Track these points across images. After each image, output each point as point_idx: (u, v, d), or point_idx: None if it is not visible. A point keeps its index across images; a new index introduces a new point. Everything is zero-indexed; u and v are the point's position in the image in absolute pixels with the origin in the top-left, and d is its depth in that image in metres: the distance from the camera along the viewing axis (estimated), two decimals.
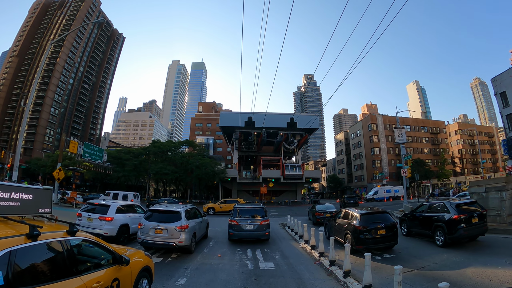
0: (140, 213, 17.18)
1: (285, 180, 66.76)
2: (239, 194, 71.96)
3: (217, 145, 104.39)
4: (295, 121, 68.98)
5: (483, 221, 13.80)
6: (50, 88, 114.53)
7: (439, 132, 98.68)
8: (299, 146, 73.81)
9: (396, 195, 63.86)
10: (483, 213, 13.92)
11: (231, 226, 16.65)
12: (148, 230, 12.73)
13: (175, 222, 12.81)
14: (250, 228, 16.48)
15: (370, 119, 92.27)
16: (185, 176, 62.55)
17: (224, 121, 71.19)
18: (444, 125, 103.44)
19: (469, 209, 13.92)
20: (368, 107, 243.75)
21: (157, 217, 13.19)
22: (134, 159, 65.98)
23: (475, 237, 14.17)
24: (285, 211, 44.28)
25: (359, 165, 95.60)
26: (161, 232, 12.57)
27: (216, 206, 40.68)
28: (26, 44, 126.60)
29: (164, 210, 13.80)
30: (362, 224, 12.67)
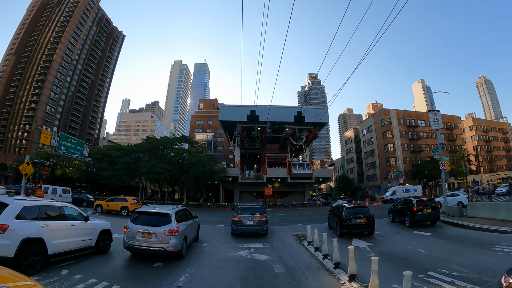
0: (76, 219, 11.25)
1: (292, 180, 59.15)
2: (242, 196, 64.46)
3: (218, 144, 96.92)
4: (303, 115, 61.52)
5: (435, 211, 20.96)
6: (46, 86, 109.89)
7: (454, 128, 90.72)
8: (307, 142, 66.21)
9: (415, 195, 56.02)
10: (435, 206, 21.23)
11: (234, 222, 18.33)
12: (135, 234, 11.35)
13: (164, 225, 11.53)
14: (250, 224, 18.18)
15: (383, 113, 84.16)
16: (180, 175, 55.13)
17: (224, 115, 63.81)
18: (459, 120, 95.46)
19: (425, 203, 20.92)
20: (374, 106, 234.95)
21: (144, 220, 11.79)
22: (125, 156, 58.67)
23: (432, 222, 21.21)
24: (294, 215, 36.96)
25: (371, 163, 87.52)
26: (149, 236, 11.27)
27: (104, 203, 34.14)
28: (24, 42, 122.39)
29: (153, 212, 12.33)
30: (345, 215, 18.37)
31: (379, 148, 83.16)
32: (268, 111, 56.00)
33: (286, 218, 32.49)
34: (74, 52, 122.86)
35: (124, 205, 32.61)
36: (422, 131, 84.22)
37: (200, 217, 18.51)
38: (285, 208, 53.06)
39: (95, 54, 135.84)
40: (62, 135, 38.88)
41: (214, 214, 36.57)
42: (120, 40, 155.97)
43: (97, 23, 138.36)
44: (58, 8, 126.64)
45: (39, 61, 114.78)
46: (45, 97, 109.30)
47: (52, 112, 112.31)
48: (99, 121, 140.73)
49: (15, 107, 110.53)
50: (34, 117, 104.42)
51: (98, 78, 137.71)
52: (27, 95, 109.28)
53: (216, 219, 31.01)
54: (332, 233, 19.60)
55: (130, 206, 32.07)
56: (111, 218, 24.01)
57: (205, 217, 34.31)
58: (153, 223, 11.55)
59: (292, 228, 23.88)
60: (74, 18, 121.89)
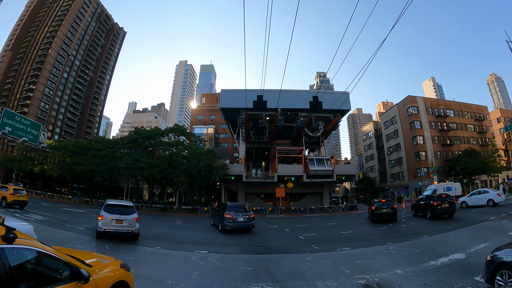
0: None
1: (309, 178, 46.72)
2: (247, 198, 52.11)
3: (221, 140, 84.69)
4: (320, 101, 49.23)
5: (452, 206, 23.41)
6: (40, 81, 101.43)
7: (483, 119, 77.17)
8: (325, 133, 53.69)
9: (456, 194, 45.77)
10: (452, 201, 23.80)
11: (227, 219, 19.45)
12: (110, 221, 14.22)
13: (132, 214, 15.11)
14: (242, 220, 19.86)
15: (409, 101, 70.71)
16: (168, 172, 43.29)
17: (226, 101, 51.81)
18: (487, 111, 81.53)
19: (443, 199, 23.78)
20: (384, 105, 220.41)
21: (116, 210, 14.78)
22: (106, 149, 47.13)
23: (450, 215, 23.18)
24: (322, 227, 24.60)
25: (396, 160, 74.31)
26: (121, 222, 14.44)
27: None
28: (21, 38, 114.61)
29: (122, 204, 15.77)
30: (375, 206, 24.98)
31: (405, 142, 70.07)
32: (278, 96, 44.43)
33: (314, 233, 20.02)
34: (71, 47, 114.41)
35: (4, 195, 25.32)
36: (451, 122, 71.32)
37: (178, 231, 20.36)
38: (302, 214, 40.75)
39: (94, 50, 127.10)
40: (7, 111, 29.37)
41: (206, 225, 24.49)
42: (121, 36, 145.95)
43: (97, 18, 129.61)
44: (56, 3, 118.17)
45: (35, 56, 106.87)
46: (39, 93, 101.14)
47: (46, 109, 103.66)
48: (98, 119, 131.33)
49: (9, 104, 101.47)
50: (26, 113, 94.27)
51: (97, 75, 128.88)
52: (21, 92, 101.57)
53: (204, 237, 18.90)
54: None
55: (9, 197, 25.12)
56: None
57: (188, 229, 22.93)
58: (124, 212, 14.85)
59: (340, 258, 12.07)
60: (71, 12, 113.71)
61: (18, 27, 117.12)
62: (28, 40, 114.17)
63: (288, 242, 16.65)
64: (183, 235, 19.15)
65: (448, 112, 71.93)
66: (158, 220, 28.53)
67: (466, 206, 29.68)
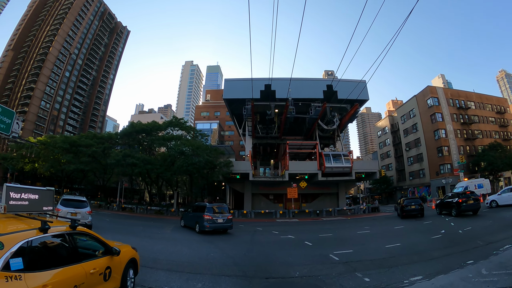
0: None
1: (324, 176, 40.50)
2: (255, 200, 46.21)
3: (226, 138, 78.90)
4: (335, 90, 43.13)
5: (477, 202, 23.39)
6: (41, 80, 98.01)
7: (504, 112, 70.39)
8: (341, 126, 47.44)
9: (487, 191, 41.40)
10: (477, 198, 23.84)
11: (207, 220, 18.85)
12: (66, 213, 15.44)
13: (85, 208, 17.03)
14: (221, 222, 19.42)
15: (429, 91, 64.38)
16: (163, 169, 37.36)
17: (230, 91, 45.82)
18: (507, 103, 75.00)
19: (468, 196, 23.81)
20: (394, 103, 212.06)
21: (71, 204, 16.73)
22: (96, 146, 41.65)
23: (474, 212, 23.48)
24: (358, 237, 17.67)
25: (415, 156, 67.73)
26: (76, 215, 15.91)
27: None
28: (23, 37, 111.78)
29: (77, 199, 17.77)
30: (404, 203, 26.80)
31: (426, 136, 63.54)
32: (287, 85, 38.69)
33: (348, 248, 13.54)
34: (73, 46, 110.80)
35: None
36: (473, 114, 64.81)
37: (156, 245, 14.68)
38: (318, 218, 34.58)
39: (97, 49, 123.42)
40: None
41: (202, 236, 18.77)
42: (125, 35, 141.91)
43: (99, 17, 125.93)
44: (58, 2, 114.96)
45: (36, 55, 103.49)
46: (40, 92, 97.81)
47: (47, 108, 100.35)
48: (101, 119, 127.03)
49: (10, 103, 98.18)
50: (27, 112, 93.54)
51: (100, 74, 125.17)
52: (22, 91, 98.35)
53: (189, 253, 12.78)
54: None
55: None
56: None
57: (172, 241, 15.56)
58: (78, 206, 16.80)
59: None
60: (72, 10, 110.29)
61: (20, 26, 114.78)
62: (30, 39, 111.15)
63: (318, 268, 10.62)
64: (159, 251, 13.06)
65: (469, 104, 65.42)
66: (144, 226, 23.11)
67: (496, 205, 27.30)
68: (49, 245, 4.61)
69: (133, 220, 28.74)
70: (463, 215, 23.16)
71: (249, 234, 20.35)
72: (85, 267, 4.89)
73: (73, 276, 4.51)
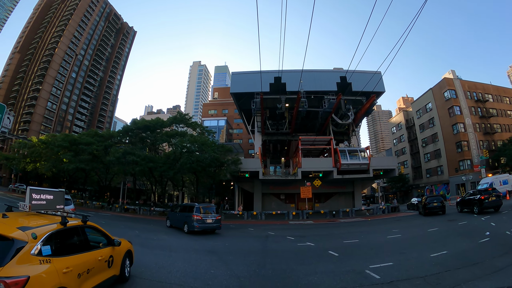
0: None
1: (340, 174, 37.27)
2: (265, 200, 43.21)
3: (235, 136, 75.82)
4: (349, 81, 39.91)
5: (499, 199, 23.35)
6: (47, 81, 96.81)
7: None
8: (356, 121, 44.15)
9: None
10: (498, 195, 23.67)
11: (196, 220, 18.70)
12: None
13: (69, 205, 17.31)
14: (210, 222, 19.23)
15: (446, 84, 60.79)
16: (166, 167, 34.53)
17: (238, 85, 42.99)
18: None
19: (490, 193, 23.48)
20: (404, 100, 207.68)
21: None
22: (97, 144, 38.98)
23: (496, 208, 23.12)
24: (392, 244, 13.90)
25: (433, 152, 63.84)
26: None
27: None
28: (29, 40, 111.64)
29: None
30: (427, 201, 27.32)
31: (444, 131, 59.77)
32: (298, 77, 35.71)
33: (387, 260, 10.37)
34: (78, 47, 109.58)
35: None
36: (491, 107, 60.81)
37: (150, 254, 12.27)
38: (335, 219, 31.41)
39: (103, 50, 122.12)
40: None
41: (197, 239, 15.91)
42: (131, 36, 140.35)
43: (105, 18, 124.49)
44: (64, 3, 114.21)
45: (42, 57, 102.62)
46: (46, 93, 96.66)
47: (53, 109, 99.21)
48: (109, 119, 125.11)
49: (17, 105, 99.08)
50: (32, 114, 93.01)
51: (107, 75, 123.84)
52: (28, 92, 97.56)
53: (185, 267, 9.92)
54: None
55: None
56: None
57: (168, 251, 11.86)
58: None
59: None
60: (77, 11, 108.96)
61: (26, 29, 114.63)
62: (36, 41, 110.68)
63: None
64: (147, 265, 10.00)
65: (487, 97, 61.45)
66: (141, 230, 20.37)
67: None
68: (68, 236, 5.70)
69: (132, 222, 26.01)
70: (485, 212, 23.08)
71: (260, 241, 17.34)
72: (94, 255, 6.02)
73: (86, 261, 5.60)
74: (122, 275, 7.31)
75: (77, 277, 5.13)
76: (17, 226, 4.70)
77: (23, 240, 4.43)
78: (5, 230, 4.53)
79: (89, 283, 5.50)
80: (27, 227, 4.73)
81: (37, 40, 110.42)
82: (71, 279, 4.93)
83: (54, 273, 4.56)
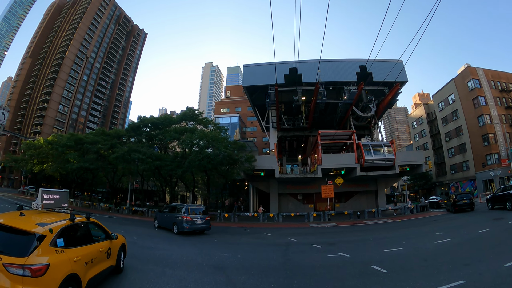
0: None
1: (364, 171, 33.96)
2: (282, 200, 40.09)
3: (248, 135, 72.77)
4: (369, 71, 36.52)
5: None
6: (58, 84, 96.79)
7: None
8: (378, 113, 40.65)
9: None
10: None
11: (187, 222, 18.54)
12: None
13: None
14: (200, 223, 19.13)
15: (469, 73, 56.15)
16: (174, 166, 31.75)
17: (250, 78, 40.05)
18: None
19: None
20: (420, 96, 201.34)
21: None
22: (103, 142, 36.65)
23: None
24: (446, 253, 10.56)
25: (457, 147, 59.25)
26: None
27: None
28: (40, 44, 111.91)
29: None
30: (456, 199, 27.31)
31: (469, 124, 55.45)
32: (315, 68, 33.06)
33: (455, 277, 7.25)
34: (89, 50, 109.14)
35: None
36: None
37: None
38: (360, 221, 27.99)
39: (114, 52, 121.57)
40: None
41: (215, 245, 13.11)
42: (142, 38, 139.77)
43: (115, 21, 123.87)
44: (73, 8, 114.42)
45: (53, 60, 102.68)
46: (57, 96, 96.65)
47: (65, 112, 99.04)
48: (122, 121, 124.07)
49: (29, 108, 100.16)
50: (44, 116, 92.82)
51: (119, 77, 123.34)
52: (40, 96, 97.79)
53: None
54: None
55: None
56: None
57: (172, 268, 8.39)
58: None
59: None
60: (87, 14, 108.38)
61: (37, 34, 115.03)
62: (47, 46, 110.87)
63: None
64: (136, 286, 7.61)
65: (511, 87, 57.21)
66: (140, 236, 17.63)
67: None
68: (75, 230, 6.40)
69: (134, 226, 23.20)
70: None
71: (280, 250, 14.01)
72: (96, 247, 6.77)
73: (90, 252, 6.34)
74: (118, 266, 8.12)
75: (84, 265, 5.87)
76: (36, 223, 5.52)
77: (42, 234, 5.17)
78: (27, 226, 5.32)
79: (93, 271, 6.25)
80: (44, 223, 5.54)
81: (48, 45, 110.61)
82: (80, 267, 5.68)
83: (67, 261, 5.36)
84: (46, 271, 4.72)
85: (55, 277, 4.89)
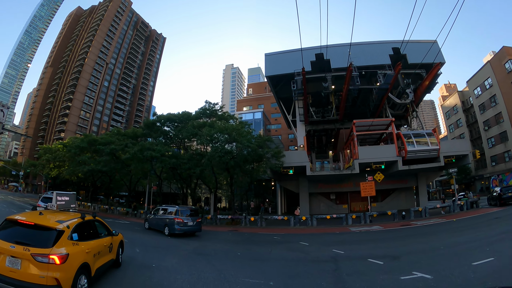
0: None
1: (406, 164, 29.65)
2: (313, 201, 36.02)
3: (273, 132, 68.86)
4: (403, 53, 31.93)
5: None
6: (79, 90, 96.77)
7: None
8: (416, 100, 35.98)
9: None
10: None
11: (178, 223, 18.35)
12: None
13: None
14: (191, 224, 18.86)
15: (505, 53, 50.09)
16: (193, 164, 28.38)
17: (273, 67, 36.38)
18: None
19: None
20: (447, 87, 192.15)
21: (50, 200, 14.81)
22: (118, 142, 33.82)
23: None
24: None
25: (497, 135, 52.86)
26: None
27: None
28: (60, 54, 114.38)
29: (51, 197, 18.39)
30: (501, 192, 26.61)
31: (509, 109, 49.18)
32: (345, 52, 29.74)
33: None
34: (108, 56, 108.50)
35: None
36: None
37: None
38: (408, 223, 23.61)
39: (134, 57, 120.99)
40: None
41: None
42: (161, 42, 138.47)
43: (133, 27, 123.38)
44: (90, 17, 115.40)
45: (73, 68, 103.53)
46: (78, 102, 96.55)
47: (87, 118, 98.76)
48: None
49: (51, 116, 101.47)
50: (66, 123, 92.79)
51: (140, 82, 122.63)
52: (61, 103, 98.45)
53: None
54: None
55: None
56: None
57: None
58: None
59: None
60: (104, 21, 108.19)
61: (57, 44, 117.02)
62: (66, 54, 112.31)
63: None
64: None
65: None
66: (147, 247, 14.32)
67: None
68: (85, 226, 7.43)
69: (141, 233, 19.79)
70: None
71: (329, 272, 9.78)
72: (102, 241, 7.85)
73: (97, 245, 7.44)
74: (117, 260, 9.18)
75: (93, 256, 6.97)
76: (56, 220, 6.58)
77: (62, 229, 6.21)
78: (49, 223, 6.38)
79: (99, 262, 7.36)
80: (62, 221, 6.59)
81: (68, 53, 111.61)
82: (90, 257, 6.77)
83: (81, 252, 6.44)
84: (67, 260, 5.77)
85: (73, 265, 5.93)
